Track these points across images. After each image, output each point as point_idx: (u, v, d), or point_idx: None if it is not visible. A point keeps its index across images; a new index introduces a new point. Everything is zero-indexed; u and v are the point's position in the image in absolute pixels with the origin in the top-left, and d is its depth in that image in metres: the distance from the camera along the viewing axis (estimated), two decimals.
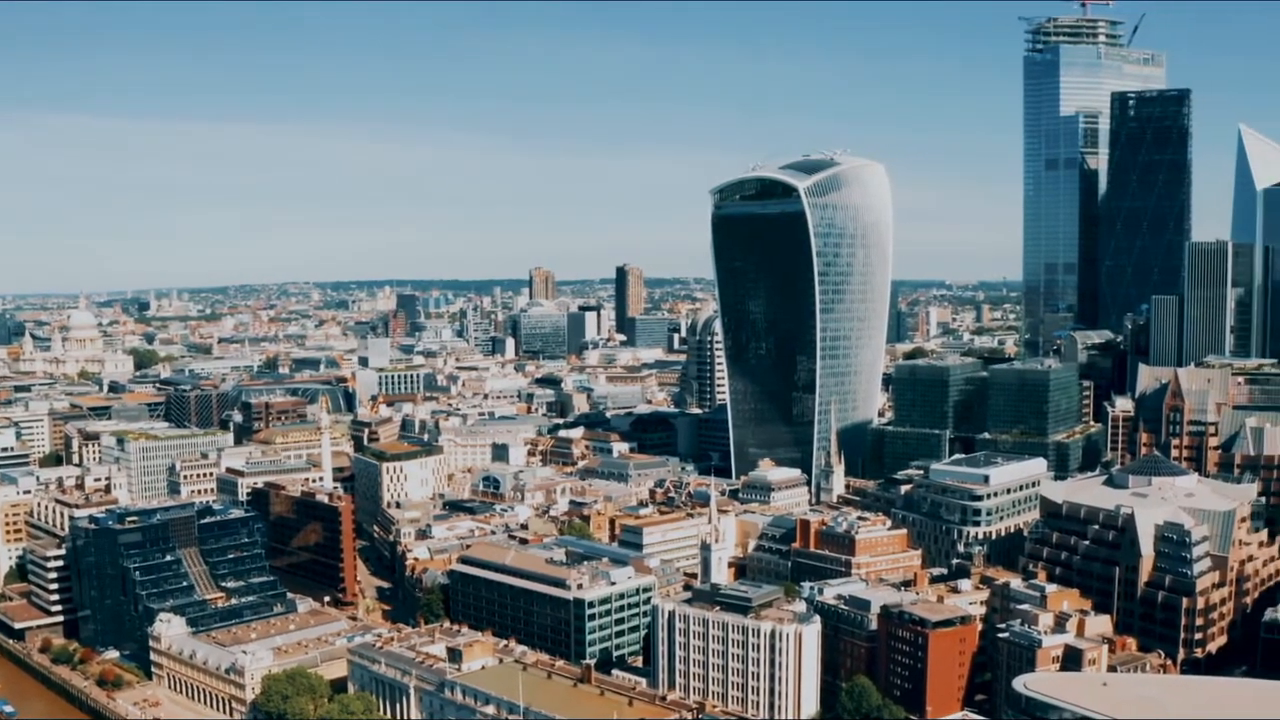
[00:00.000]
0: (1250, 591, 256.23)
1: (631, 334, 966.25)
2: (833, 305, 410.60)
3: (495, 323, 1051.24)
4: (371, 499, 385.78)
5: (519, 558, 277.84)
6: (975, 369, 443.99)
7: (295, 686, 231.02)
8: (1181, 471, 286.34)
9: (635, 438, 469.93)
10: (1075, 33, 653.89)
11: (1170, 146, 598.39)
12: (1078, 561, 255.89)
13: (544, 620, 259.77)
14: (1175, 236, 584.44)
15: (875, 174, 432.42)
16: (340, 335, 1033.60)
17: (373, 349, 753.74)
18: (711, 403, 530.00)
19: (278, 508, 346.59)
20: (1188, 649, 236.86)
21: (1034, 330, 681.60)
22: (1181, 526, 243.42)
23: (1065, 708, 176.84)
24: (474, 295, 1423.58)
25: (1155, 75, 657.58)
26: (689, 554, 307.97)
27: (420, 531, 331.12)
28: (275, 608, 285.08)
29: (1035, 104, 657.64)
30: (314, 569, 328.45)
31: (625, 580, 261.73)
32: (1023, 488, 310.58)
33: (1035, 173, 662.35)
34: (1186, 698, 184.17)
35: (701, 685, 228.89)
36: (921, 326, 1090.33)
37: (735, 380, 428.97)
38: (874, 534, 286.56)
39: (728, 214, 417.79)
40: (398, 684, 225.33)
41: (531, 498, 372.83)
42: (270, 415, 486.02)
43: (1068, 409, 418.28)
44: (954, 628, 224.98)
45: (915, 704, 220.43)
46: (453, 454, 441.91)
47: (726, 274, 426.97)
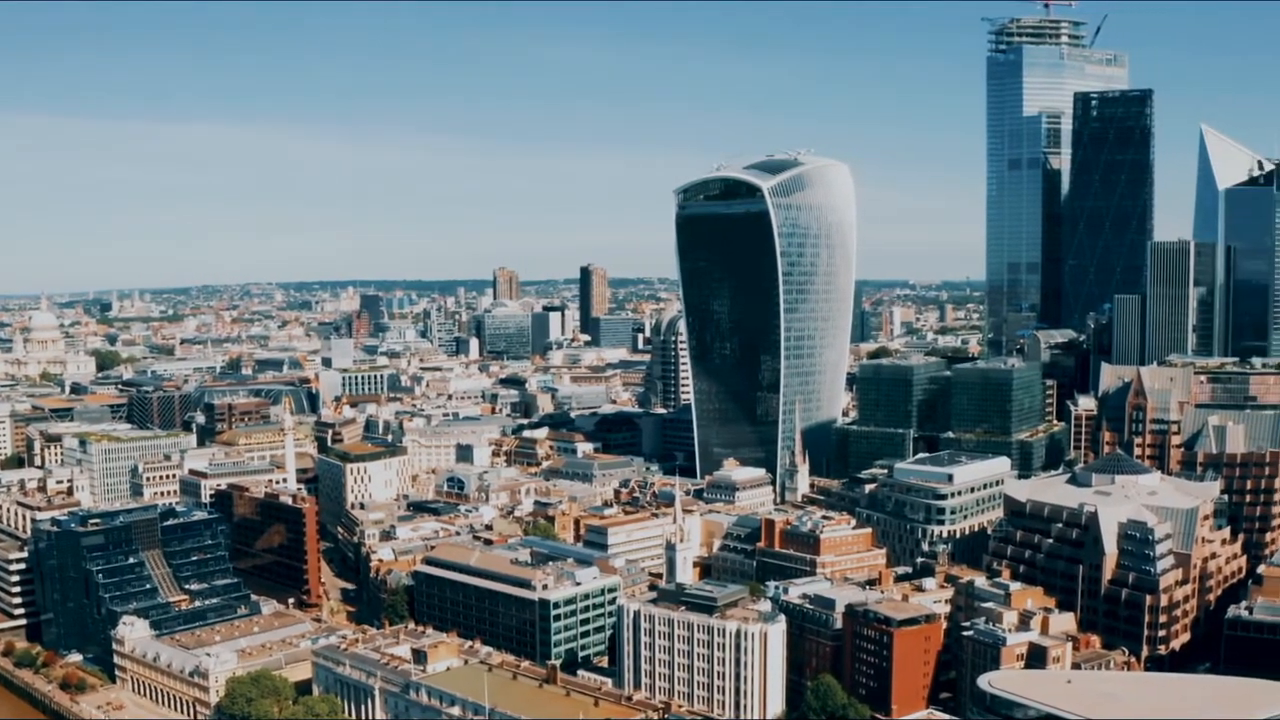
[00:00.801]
0: (1213, 589, 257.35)
1: (596, 334, 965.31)
2: (797, 305, 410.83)
3: (459, 323, 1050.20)
4: (335, 500, 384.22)
5: (484, 558, 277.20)
6: (939, 368, 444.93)
7: (260, 689, 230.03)
8: (1144, 470, 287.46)
9: (600, 438, 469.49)
10: (1038, 33, 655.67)
11: (1132, 146, 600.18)
12: (1042, 560, 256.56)
13: (509, 621, 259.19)
14: (1138, 236, 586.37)
15: (839, 174, 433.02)
16: (304, 336, 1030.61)
17: (336, 350, 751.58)
18: (676, 403, 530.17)
19: (241, 509, 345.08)
20: (1151, 646, 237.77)
21: (997, 330, 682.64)
22: (1145, 524, 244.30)
23: (1030, 705, 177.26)
24: (438, 296, 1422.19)
25: (1118, 75, 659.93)
26: (654, 554, 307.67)
27: (384, 533, 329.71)
28: (239, 610, 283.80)
29: (998, 104, 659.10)
30: (278, 571, 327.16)
31: (590, 581, 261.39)
32: (986, 486, 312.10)
33: (998, 173, 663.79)
34: (1150, 695, 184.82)
35: (667, 685, 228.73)
36: (885, 326, 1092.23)
37: (699, 380, 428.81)
38: (838, 533, 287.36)
39: (692, 214, 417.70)
40: (362, 686, 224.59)
41: (496, 498, 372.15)
42: (233, 416, 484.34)
43: (1031, 408, 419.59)
44: (919, 626, 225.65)
45: (880, 702, 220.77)
46: (417, 455, 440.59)
47: (691, 274, 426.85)
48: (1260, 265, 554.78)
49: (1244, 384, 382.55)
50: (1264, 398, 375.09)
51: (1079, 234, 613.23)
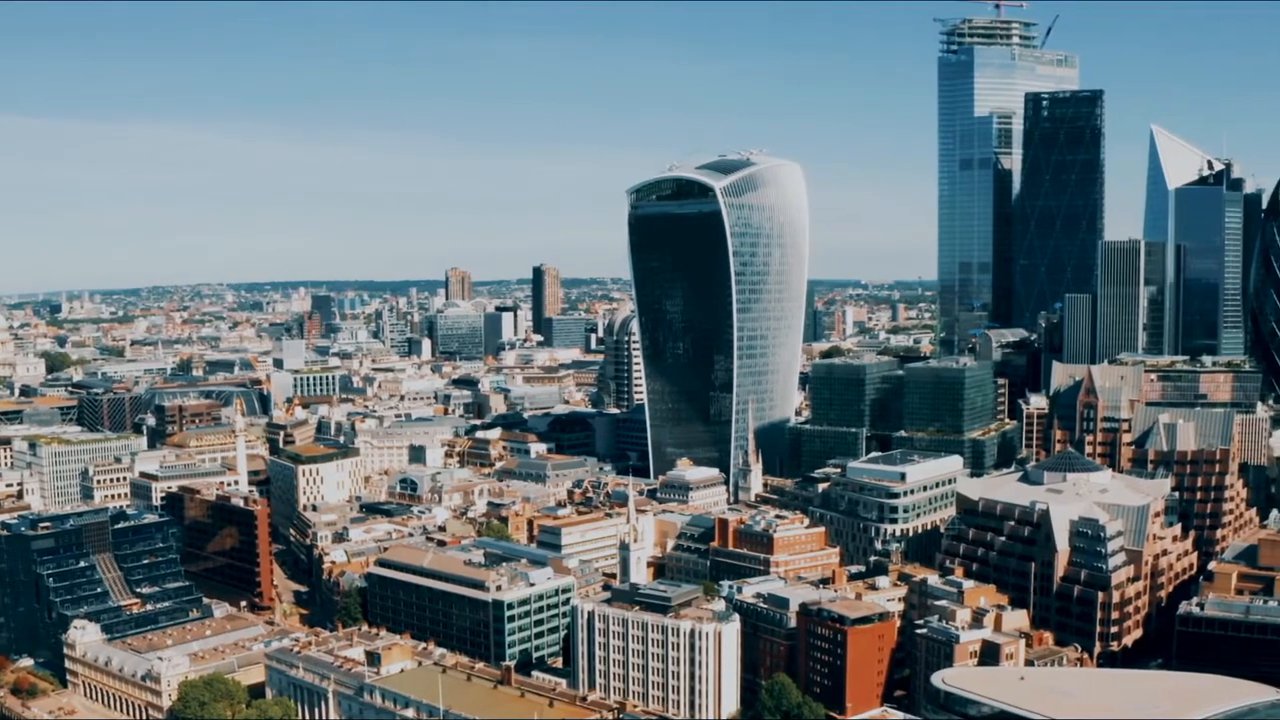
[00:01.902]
0: (1165, 585, 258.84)
1: (549, 334, 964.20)
2: (749, 305, 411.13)
3: (411, 324, 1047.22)
4: (287, 502, 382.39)
5: (437, 560, 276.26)
6: (891, 367, 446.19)
7: (213, 692, 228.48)
8: (1096, 467, 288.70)
9: (553, 438, 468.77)
10: (989, 34, 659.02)
11: (1083, 146, 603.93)
12: (994, 557, 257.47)
13: (463, 622, 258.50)
14: (1088, 235, 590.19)
15: (791, 174, 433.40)
16: (255, 337, 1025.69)
17: (288, 351, 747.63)
18: (629, 403, 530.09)
19: (193, 512, 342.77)
20: (1104, 642, 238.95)
21: (949, 329, 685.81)
22: (1096, 522, 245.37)
23: (983, 702, 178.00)
24: (390, 296, 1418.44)
25: (1068, 76, 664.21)
26: (608, 554, 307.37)
27: (337, 534, 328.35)
28: (191, 613, 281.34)
29: (950, 104, 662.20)
30: (230, 573, 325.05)
31: (544, 581, 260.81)
32: (939, 485, 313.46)
33: (950, 172, 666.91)
34: (1103, 690, 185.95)
35: (622, 685, 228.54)
36: (838, 326, 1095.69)
37: (653, 380, 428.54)
38: (792, 532, 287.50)
39: (644, 214, 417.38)
40: (316, 688, 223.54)
41: (449, 499, 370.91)
42: (184, 418, 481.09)
43: (983, 406, 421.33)
44: (872, 624, 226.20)
45: (835, 701, 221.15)
46: (369, 456, 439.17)
47: (643, 274, 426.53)
48: (1210, 264, 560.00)
49: (1194, 382, 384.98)
50: (1214, 395, 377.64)
51: (1030, 233, 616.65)
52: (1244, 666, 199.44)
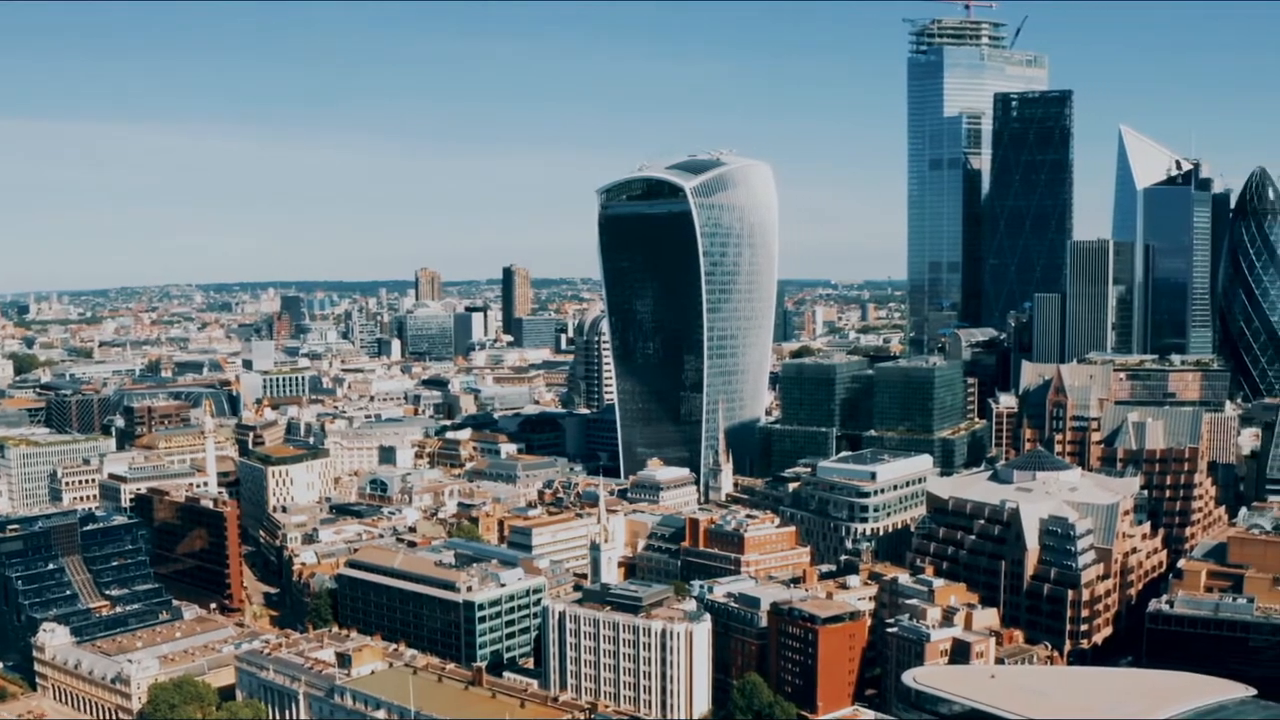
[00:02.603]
0: (1134, 583, 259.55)
1: (519, 335, 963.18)
2: (720, 305, 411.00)
3: (381, 324, 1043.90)
4: (257, 504, 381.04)
5: (407, 560, 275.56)
6: (861, 367, 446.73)
7: (183, 695, 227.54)
8: (1065, 466, 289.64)
9: (523, 438, 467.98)
10: (959, 34, 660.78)
11: (1052, 147, 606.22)
12: (964, 556, 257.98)
13: (434, 623, 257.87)
14: (1057, 235, 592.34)
15: (761, 174, 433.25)
16: (224, 338, 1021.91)
17: (257, 351, 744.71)
18: (599, 403, 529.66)
19: (162, 514, 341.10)
20: (1074, 640, 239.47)
21: (919, 328, 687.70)
22: (1066, 520, 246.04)
23: (954, 700, 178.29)
24: (359, 297, 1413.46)
25: (1038, 76, 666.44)
26: (579, 554, 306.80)
27: (307, 536, 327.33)
28: (161, 615, 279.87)
29: (919, 105, 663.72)
30: (200, 575, 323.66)
31: (515, 582, 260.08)
32: (909, 484, 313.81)
33: (919, 173, 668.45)
34: (1073, 688, 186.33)
35: (593, 685, 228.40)
36: (808, 325, 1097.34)
37: (623, 380, 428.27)
38: (762, 532, 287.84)
39: (614, 214, 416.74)
40: (287, 690, 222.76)
41: (419, 500, 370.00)
42: (153, 420, 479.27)
43: (953, 406, 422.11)
44: (843, 623, 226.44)
45: (806, 700, 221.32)
46: (339, 457, 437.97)
47: (613, 274, 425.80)
48: (1178, 264, 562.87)
49: (1163, 381, 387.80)
50: (1183, 394, 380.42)
51: (999, 233, 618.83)
52: (1213, 664, 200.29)
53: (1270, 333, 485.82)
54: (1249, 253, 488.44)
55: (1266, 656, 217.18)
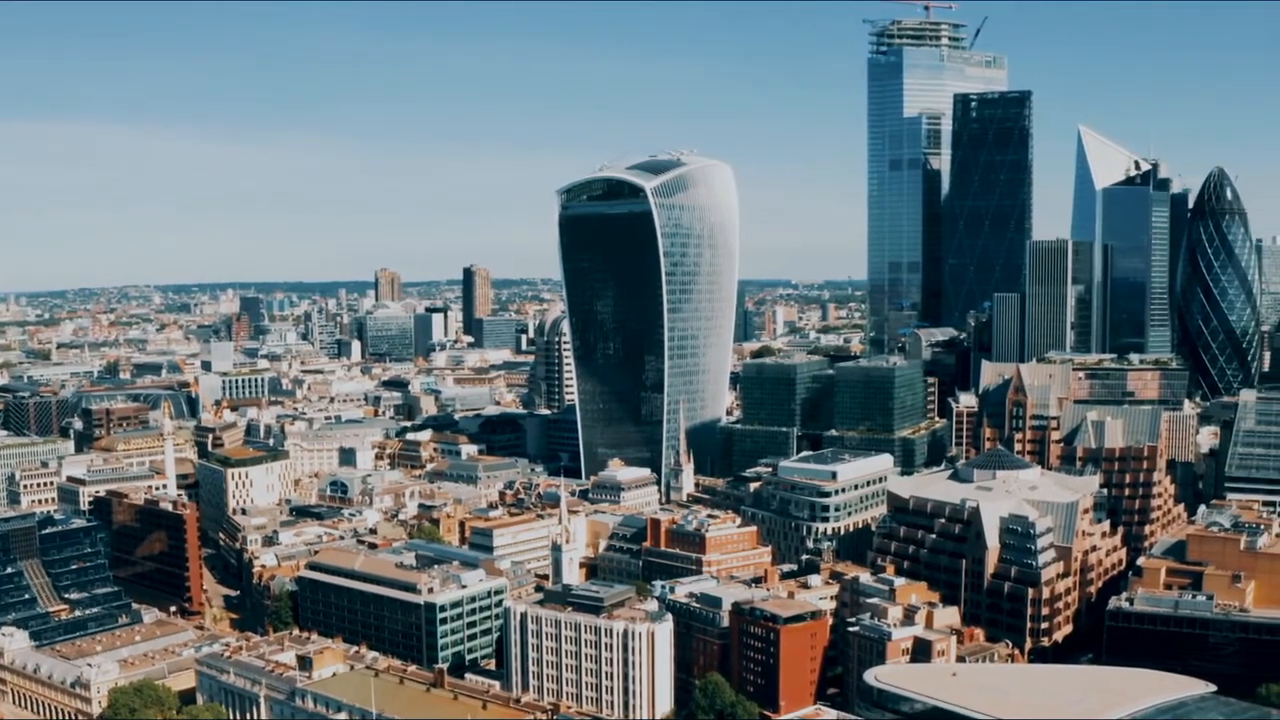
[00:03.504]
0: (1094, 581, 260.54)
1: (479, 335, 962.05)
2: (680, 305, 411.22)
3: (341, 325, 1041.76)
4: (217, 506, 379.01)
5: (368, 562, 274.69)
6: (822, 367, 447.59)
7: (143, 699, 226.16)
8: (1025, 465, 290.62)
9: (484, 439, 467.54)
10: (918, 35, 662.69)
11: (1011, 147, 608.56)
12: (925, 555, 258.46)
13: (395, 625, 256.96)
14: (1017, 235, 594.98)
15: (722, 174, 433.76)
16: (182, 339, 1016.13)
17: (216, 353, 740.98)
18: (560, 403, 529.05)
19: (121, 517, 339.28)
20: (1034, 638, 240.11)
21: (879, 328, 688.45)
22: (1026, 519, 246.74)
23: (916, 699, 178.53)
24: (319, 297, 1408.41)
25: (997, 77, 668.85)
26: (540, 555, 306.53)
27: (267, 538, 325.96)
28: (120, 619, 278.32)
29: (879, 105, 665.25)
30: (159, 579, 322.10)
31: (476, 583, 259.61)
32: (870, 483, 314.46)
33: (879, 173, 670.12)
34: (1034, 686, 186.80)
35: (555, 686, 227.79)
36: (768, 325, 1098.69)
37: (584, 381, 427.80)
38: (724, 532, 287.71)
39: (575, 214, 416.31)
40: (247, 693, 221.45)
41: (380, 502, 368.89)
42: (111, 422, 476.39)
43: (913, 405, 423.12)
44: (805, 623, 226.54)
45: (768, 699, 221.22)
46: (299, 459, 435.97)
47: (574, 274, 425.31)
48: (1137, 263, 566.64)
49: (1122, 380, 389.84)
50: (1141, 393, 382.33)
51: (959, 233, 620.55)
52: (1173, 661, 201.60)
53: (1228, 332, 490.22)
54: (1207, 252, 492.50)
55: (1226, 653, 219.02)
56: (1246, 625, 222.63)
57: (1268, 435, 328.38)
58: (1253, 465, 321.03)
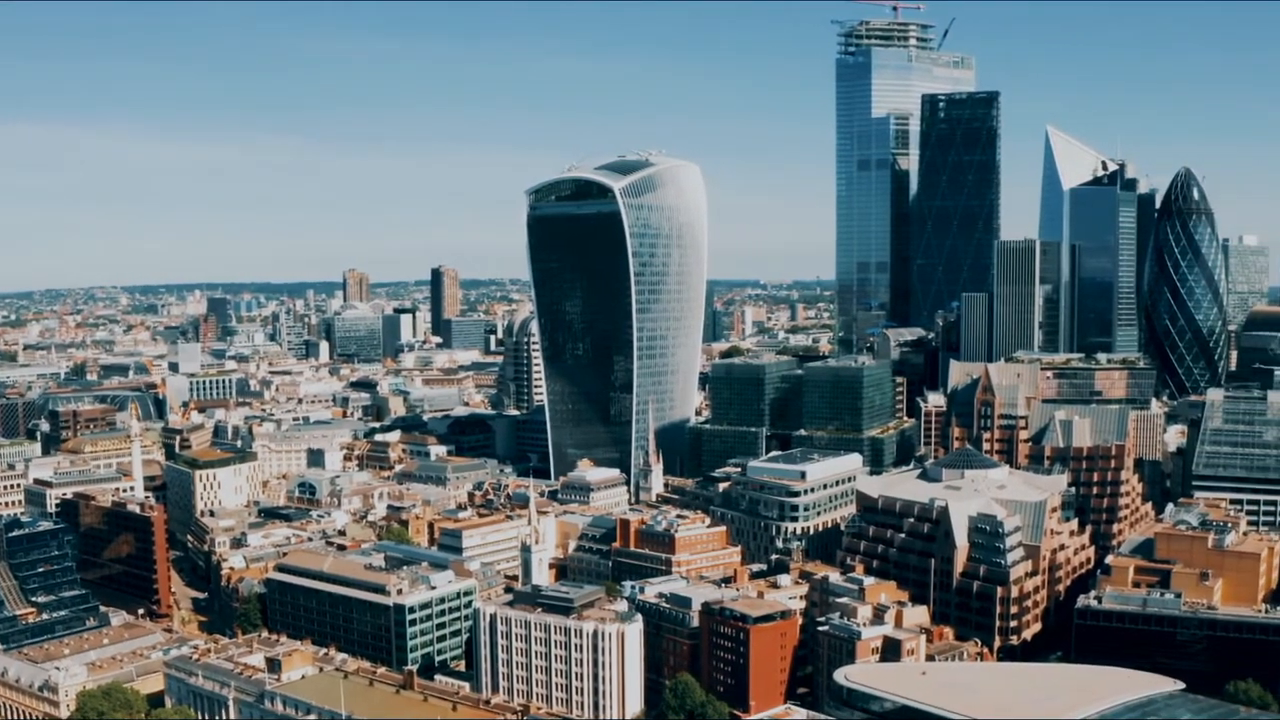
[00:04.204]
0: (1063, 579, 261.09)
1: (448, 336, 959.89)
2: (649, 305, 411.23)
3: (309, 326, 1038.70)
4: (184, 508, 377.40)
5: (337, 564, 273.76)
6: (790, 367, 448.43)
7: (111, 702, 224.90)
8: (993, 464, 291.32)
9: (453, 440, 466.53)
10: (886, 36, 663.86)
11: (979, 147, 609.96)
12: (894, 554, 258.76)
13: (364, 627, 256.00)
14: (984, 235, 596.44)
15: (690, 174, 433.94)
16: (150, 340, 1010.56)
17: (183, 354, 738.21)
18: (529, 404, 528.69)
19: (88, 519, 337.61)
20: (1003, 637, 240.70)
21: (847, 328, 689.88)
22: (994, 518, 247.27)
23: (886, 697, 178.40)
24: (287, 298, 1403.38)
25: (965, 78, 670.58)
26: (509, 556, 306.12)
27: (235, 540, 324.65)
28: (88, 622, 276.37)
29: (847, 106, 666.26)
30: (127, 581, 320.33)
31: (445, 584, 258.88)
32: (839, 483, 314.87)
33: (848, 173, 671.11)
34: (1003, 684, 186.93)
35: (525, 687, 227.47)
36: (737, 325, 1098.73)
37: (553, 381, 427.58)
38: (693, 532, 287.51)
39: (543, 215, 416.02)
40: (216, 696, 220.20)
41: (348, 503, 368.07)
42: (79, 424, 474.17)
43: (881, 405, 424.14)
44: (775, 622, 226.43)
45: (739, 699, 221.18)
46: (267, 460, 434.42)
47: (543, 275, 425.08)
48: (1104, 263, 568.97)
49: (1089, 379, 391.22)
50: (1109, 392, 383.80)
51: (927, 233, 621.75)
52: (1142, 658, 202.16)
53: (1195, 331, 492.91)
54: (1174, 252, 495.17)
55: (1194, 650, 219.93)
56: (1214, 623, 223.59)
57: (1234, 434, 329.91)
58: (1220, 464, 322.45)
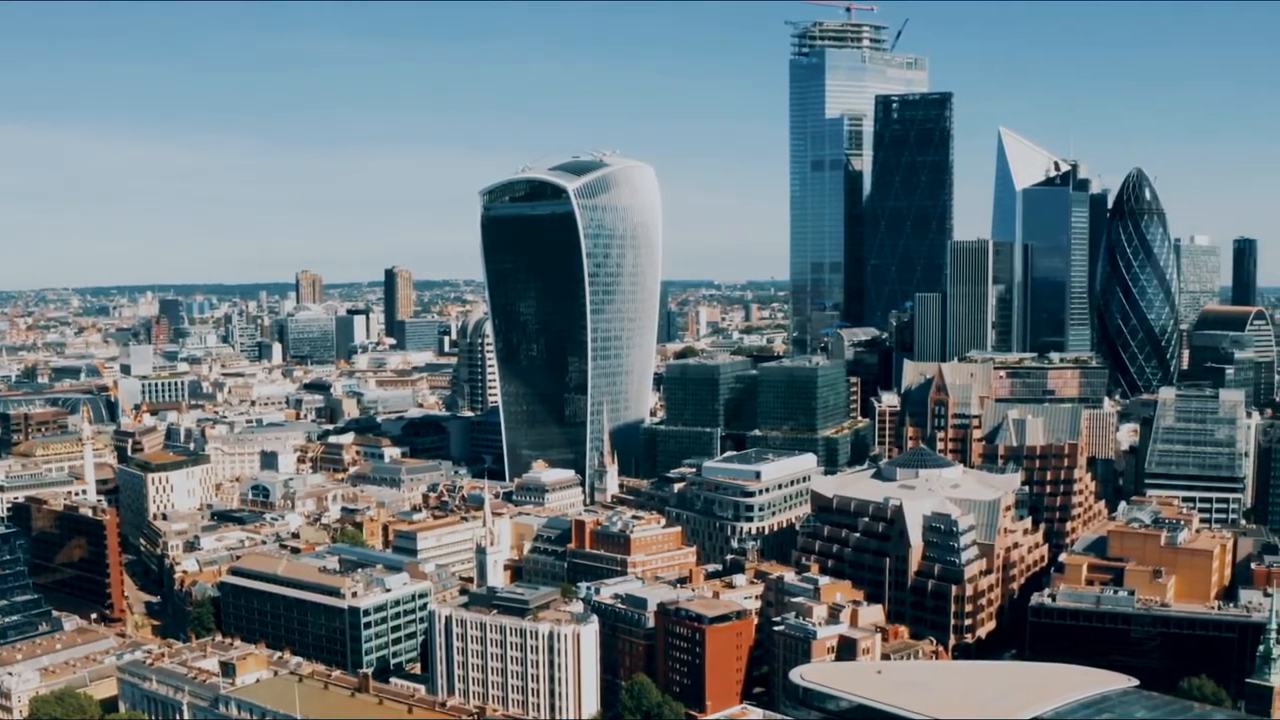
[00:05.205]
0: (1017, 577, 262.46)
1: (401, 337, 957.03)
2: (603, 306, 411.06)
3: (262, 327, 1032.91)
4: (137, 511, 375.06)
5: (291, 567, 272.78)
6: (745, 367, 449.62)
7: (64, 707, 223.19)
8: (947, 463, 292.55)
9: (407, 442, 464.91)
10: (840, 37, 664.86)
11: (932, 148, 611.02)
12: (849, 554, 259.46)
13: (319, 630, 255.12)
14: (938, 235, 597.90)
15: (644, 175, 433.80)
16: (101, 342, 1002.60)
17: (135, 356, 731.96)
18: (484, 405, 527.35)
19: (40, 523, 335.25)
20: (958, 635, 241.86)
21: (802, 328, 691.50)
22: (948, 516, 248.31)
23: (841, 697, 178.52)
24: (239, 300, 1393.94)
25: (918, 79, 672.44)
26: (464, 558, 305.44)
27: (188, 543, 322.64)
28: (40, 627, 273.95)
29: (801, 106, 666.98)
30: (79, 585, 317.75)
31: (400, 587, 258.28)
32: (794, 483, 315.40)
33: (802, 174, 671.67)
34: (958, 682, 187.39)
35: (481, 689, 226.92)
36: (691, 326, 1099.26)
37: (507, 382, 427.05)
38: (649, 532, 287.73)
39: (497, 215, 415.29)
40: (170, 701, 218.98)
41: (302, 505, 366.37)
42: (30, 427, 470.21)
43: (836, 405, 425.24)
44: (730, 623, 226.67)
45: (695, 699, 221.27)
46: (220, 463, 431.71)
47: (497, 276, 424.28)
48: (1057, 263, 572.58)
49: (1042, 378, 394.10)
50: (1062, 391, 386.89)
51: (881, 234, 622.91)
52: (1096, 655, 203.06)
53: (1147, 330, 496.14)
54: (1126, 252, 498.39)
55: (1147, 647, 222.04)
56: (1168, 620, 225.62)
57: (1186, 432, 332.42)
58: (1172, 462, 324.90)
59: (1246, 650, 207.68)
